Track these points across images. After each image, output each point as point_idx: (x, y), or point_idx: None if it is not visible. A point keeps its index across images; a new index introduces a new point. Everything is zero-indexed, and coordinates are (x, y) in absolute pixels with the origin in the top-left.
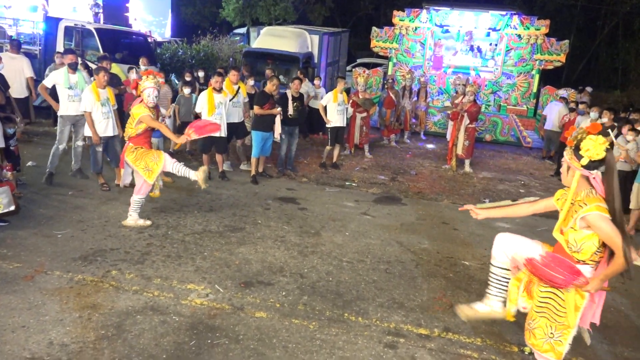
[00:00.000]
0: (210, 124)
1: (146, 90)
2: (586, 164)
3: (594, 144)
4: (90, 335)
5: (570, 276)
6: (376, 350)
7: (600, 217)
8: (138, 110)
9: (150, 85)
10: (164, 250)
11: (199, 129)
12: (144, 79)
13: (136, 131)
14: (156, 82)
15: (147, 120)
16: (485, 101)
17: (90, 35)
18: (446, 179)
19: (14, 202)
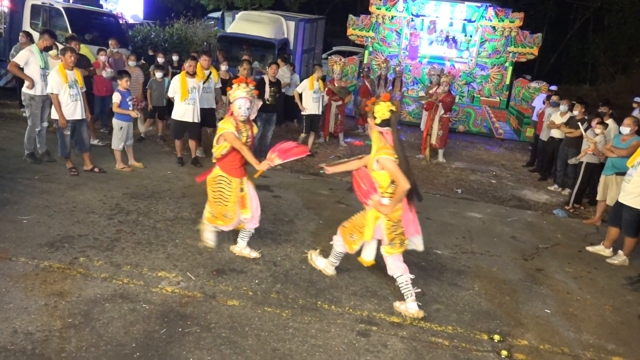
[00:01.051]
0: (296, 147)
1: (237, 100)
2: (379, 123)
3: (382, 108)
4: (56, 323)
5: (371, 189)
6: (349, 338)
7: (387, 159)
8: (223, 124)
9: (242, 95)
10: (134, 237)
11: (284, 153)
12: (234, 87)
13: (220, 151)
14: (249, 91)
15: (229, 138)
16: (459, 92)
17: (59, 14)
18: (420, 169)
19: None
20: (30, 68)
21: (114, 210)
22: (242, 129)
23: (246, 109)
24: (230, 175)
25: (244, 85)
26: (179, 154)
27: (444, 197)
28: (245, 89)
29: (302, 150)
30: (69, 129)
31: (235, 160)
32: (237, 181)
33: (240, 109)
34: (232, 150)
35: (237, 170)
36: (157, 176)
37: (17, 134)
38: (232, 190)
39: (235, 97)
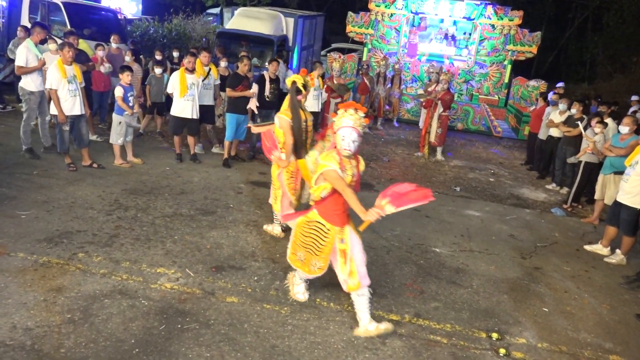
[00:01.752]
0: (415, 190)
1: (342, 130)
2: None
3: (290, 79)
4: (55, 319)
5: (272, 146)
6: (347, 336)
7: (281, 118)
8: (324, 160)
9: (349, 123)
10: (133, 233)
11: (398, 199)
12: (340, 112)
13: (319, 193)
14: (358, 119)
15: (331, 178)
16: (457, 90)
17: (57, 9)
18: (418, 167)
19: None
20: (30, 64)
21: (113, 206)
22: (346, 166)
23: (352, 142)
24: (329, 222)
25: (352, 112)
26: (177, 150)
27: (442, 195)
28: (353, 116)
29: (423, 196)
30: (67, 125)
31: (338, 205)
32: (337, 230)
33: (344, 141)
34: (333, 192)
35: (339, 217)
36: (156, 172)
37: (16, 129)
38: (329, 241)
39: (340, 125)
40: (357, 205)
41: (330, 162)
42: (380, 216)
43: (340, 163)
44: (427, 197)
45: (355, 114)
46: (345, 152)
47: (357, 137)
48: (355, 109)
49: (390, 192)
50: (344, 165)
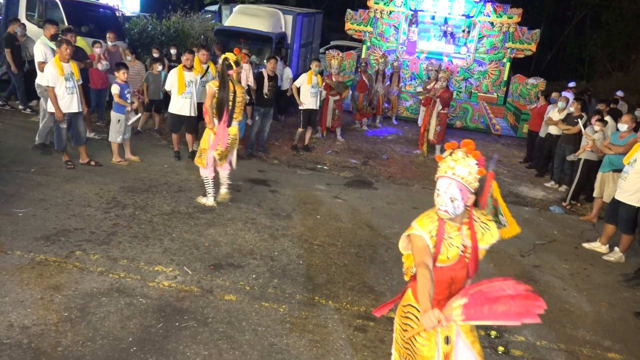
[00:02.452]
0: (513, 298)
1: (439, 181)
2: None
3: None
4: (52, 317)
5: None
6: (346, 333)
7: (209, 86)
8: (419, 218)
9: (448, 172)
10: (131, 231)
11: (480, 305)
12: (445, 154)
13: (410, 263)
14: (465, 165)
15: (413, 246)
16: (456, 88)
17: (55, 6)
18: (417, 164)
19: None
20: (49, 59)
21: (111, 203)
22: (451, 234)
23: (449, 201)
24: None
25: (459, 156)
26: (175, 147)
27: None
28: (459, 162)
29: (525, 311)
30: (65, 122)
31: (440, 286)
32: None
33: (439, 197)
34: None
35: (440, 305)
36: (154, 170)
37: (13, 127)
38: (427, 337)
39: (438, 173)
40: (424, 299)
41: (421, 225)
42: (443, 324)
43: (439, 229)
44: (532, 314)
45: (463, 159)
46: (443, 214)
47: (460, 194)
48: (467, 152)
49: (474, 292)
50: (443, 233)
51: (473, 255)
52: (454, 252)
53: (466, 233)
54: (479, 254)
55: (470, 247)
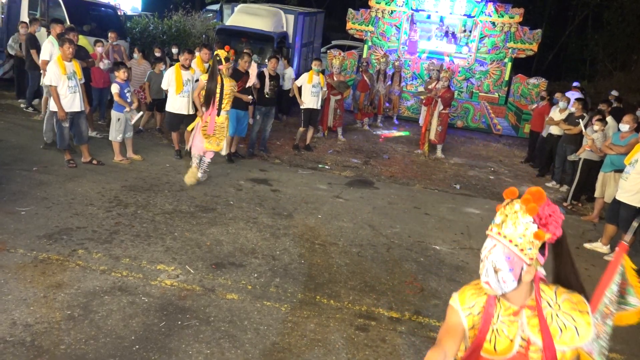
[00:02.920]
0: None
1: (487, 241)
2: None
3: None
4: (55, 315)
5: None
6: (347, 332)
7: (200, 79)
8: (463, 292)
9: (495, 230)
10: (133, 229)
11: None
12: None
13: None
14: (518, 224)
15: (443, 329)
16: (457, 87)
17: (57, 5)
18: (418, 164)
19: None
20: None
21: (113, 202)
22: (502, 316)
23: (492, 271)
24: None
25: (513, 209)
26: (176, 146)
27: (442, 192)
28: (510, 217)
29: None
30: (67, 121)
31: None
32: None
33: (482, 263)
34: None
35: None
36: (156, 169)
37: (14, 125)
38: None
39: (488, 230)
40: None
41: (461, 296)
42: None
43: (486, 307)
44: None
45: (515, 213)
46: (484, 288)
47: (507, 264)
48: (526, 202)
49: None
50: (492, 313)
51: (547, 358)
52: (505, 344)
53: (528, 322)
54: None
55: (537, 343)
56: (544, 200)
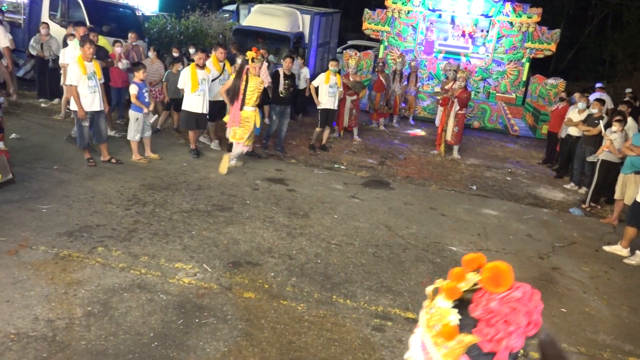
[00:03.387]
0: None
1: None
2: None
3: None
4: (76, 311)
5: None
6: (364, 332)
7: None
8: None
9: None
10: (151, 227)
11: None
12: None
13: None
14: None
15: None
16: (474, 88)
17: (77, 5)
18: (434, 165)
19: (10, 170)
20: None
21: (131, 201)
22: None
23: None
24: None
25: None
26: (192, 145)
27: (458, 193)
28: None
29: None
30: (87, 120)
31: None
32: None
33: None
34: None
35: None
36: (173, 168)
37: (35, 124)
38: None
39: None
40: None
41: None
42: None
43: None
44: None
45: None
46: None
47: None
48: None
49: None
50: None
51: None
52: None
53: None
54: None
55: None
56: (502, 284)
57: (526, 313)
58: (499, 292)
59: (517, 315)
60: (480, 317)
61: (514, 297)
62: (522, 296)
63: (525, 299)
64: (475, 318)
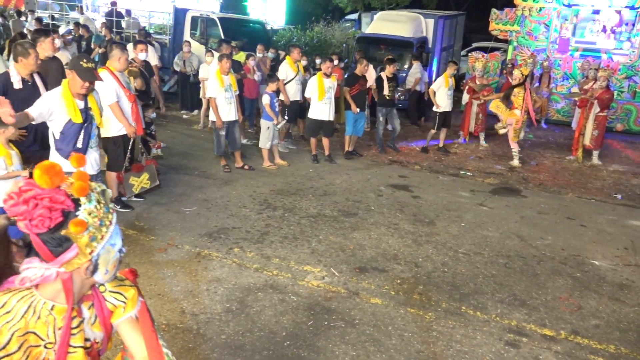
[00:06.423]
0: None
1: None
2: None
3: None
4: (217, 307)
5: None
6: (496, 347)
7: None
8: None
9: None
10: (282, 231)
11: None
12: None
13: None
14: None
15: None
16: (617, 87)
17: (214, 23)
18: (571, 171)
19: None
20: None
21: (263, 205)
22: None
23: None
24: None
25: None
26: (313, 151)
27: (600, 202)
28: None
29: None
30: (224, 130)
31: None
32: None
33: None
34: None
35: None
36: (300, 174)
37: (179, 134)
38: None
39: None
40: None
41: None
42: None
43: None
44: None
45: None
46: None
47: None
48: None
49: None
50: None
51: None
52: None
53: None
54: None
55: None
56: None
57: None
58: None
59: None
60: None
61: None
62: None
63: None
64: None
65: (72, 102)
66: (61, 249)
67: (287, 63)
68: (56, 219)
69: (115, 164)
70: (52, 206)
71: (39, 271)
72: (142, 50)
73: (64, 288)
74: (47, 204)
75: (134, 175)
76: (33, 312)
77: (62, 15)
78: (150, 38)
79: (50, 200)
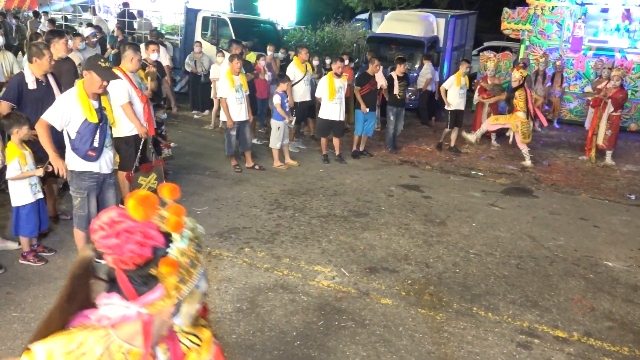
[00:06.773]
0: None
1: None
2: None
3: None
4: (227, 307)
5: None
6: (508, 348)
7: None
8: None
9: None
10: (292, 231)
11: None
12: None
13: None
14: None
15: None
16: (631, 86)
17: (225, 24)
18: (583, 171)
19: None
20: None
21: (273, 205)
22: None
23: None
24: None
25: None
26: (324, 151)
27: (613, 203)
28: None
29: None
30: (235, 130)
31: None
32: None
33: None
34: None
35: None
36: (311, 174)
37: (189, 134)
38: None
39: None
40: None
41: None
42: None
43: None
44: None
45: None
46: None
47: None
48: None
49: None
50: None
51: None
52: None
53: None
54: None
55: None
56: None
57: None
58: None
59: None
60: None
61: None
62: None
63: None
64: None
65: (88, 103)
66: (146, 289)
67: (295, 64)
68: (146, 256)
69: (126, 163)
70: (144, 242)
71: (120, 310)
72: (154, 50)
73: (144, 331)
74: (140, 239)
75: (142, 175)
76: (108, 355)
77: (75, 17)
78: (162, 38)
79: (143, 235)
